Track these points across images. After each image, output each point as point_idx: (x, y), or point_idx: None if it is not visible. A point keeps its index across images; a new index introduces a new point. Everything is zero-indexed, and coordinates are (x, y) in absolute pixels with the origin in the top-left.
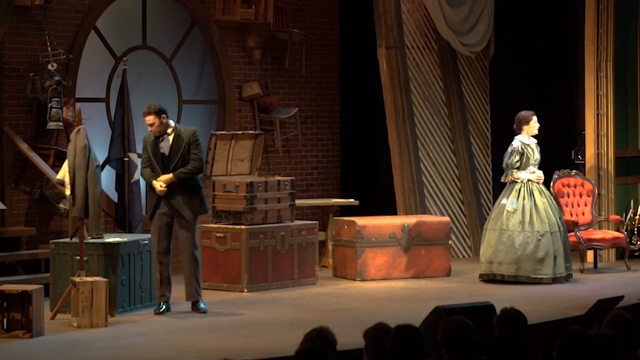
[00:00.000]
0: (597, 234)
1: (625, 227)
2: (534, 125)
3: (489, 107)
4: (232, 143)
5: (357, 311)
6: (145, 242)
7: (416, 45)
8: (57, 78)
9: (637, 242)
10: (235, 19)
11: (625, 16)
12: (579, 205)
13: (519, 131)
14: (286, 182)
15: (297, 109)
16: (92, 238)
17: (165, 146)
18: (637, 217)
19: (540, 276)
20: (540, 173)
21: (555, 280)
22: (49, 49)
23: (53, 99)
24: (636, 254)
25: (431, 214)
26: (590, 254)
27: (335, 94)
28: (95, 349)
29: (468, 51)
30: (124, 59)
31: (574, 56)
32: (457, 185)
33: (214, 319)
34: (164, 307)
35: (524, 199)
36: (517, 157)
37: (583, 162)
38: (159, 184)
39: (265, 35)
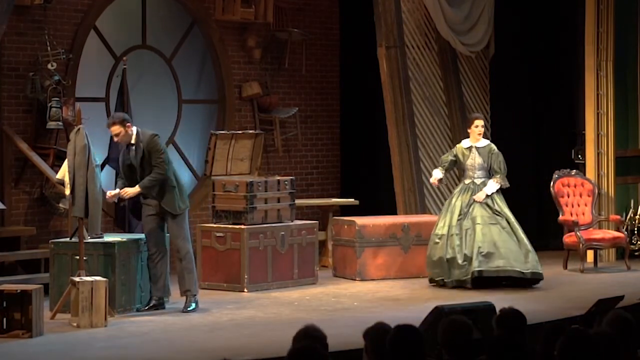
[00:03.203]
0: (597, 234)
1: (625, 227)
2: (474, 130)
3: (489, 107)
4: (232, 142)
5: (357, 311)
6: (145, 242)
7: (416, 44)
8: (56, 77)
9: (637, 242)
10: (235, 18)
11: (625, 16)
12: (579, 205)
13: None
14: (286, 182)
15: (297, 108)
16: (91, 238)
17: (132, 156)
18: (637, 217)
19: (432, 277)
20: (442, 176)
21: (444, 284)
22: (49, 48)
23: (53, 99)
24: (636, 253)
25: (431, 214)
26: (590, 254)
27: (335, 93)
28: (95, 349)
29: (468, 51)
30: (124, 58)
31: (574, 56)
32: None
33: (214, 318)
34: (146, 305)
35: (451, 198)
36: (448, 157)
37: (583, 161)
38: (110, 193)
39: (265, 35)
